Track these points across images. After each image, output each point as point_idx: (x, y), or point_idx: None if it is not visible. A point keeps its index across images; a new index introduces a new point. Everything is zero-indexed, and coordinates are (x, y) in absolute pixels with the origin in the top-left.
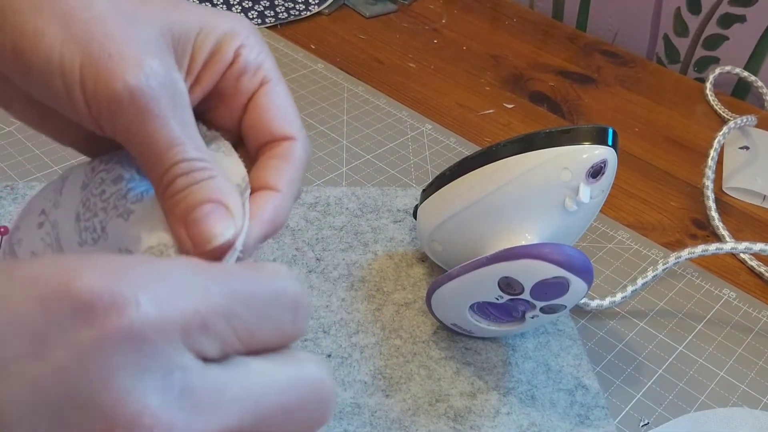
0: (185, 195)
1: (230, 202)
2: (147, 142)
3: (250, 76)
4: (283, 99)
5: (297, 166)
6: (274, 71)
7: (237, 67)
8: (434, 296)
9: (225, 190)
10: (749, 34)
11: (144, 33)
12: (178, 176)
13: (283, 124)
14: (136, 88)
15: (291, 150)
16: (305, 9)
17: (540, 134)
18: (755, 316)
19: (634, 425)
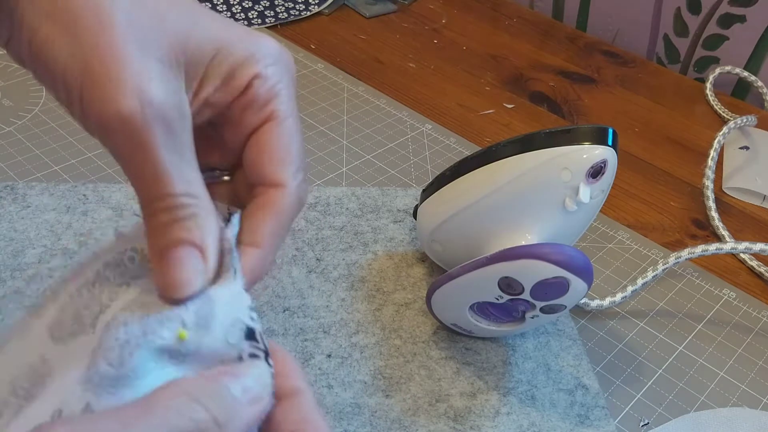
0: (164, 231)
1: (206, 246)
2: (134, 170)
3: (256, 110)
4: (285, 139)
5: (282, 218)
6: (285, 106)
7: (246, 98)
8: (434, 296)
9: (206, 231)
10: (749, 34)
11: (155, 54)
12: (160, 211)
13: (276, 169)
14: (128, 117)
15: (278, 199)
16: (305, 9)
17: (540, 134)
18: (755, 316)
19: (634, 425)
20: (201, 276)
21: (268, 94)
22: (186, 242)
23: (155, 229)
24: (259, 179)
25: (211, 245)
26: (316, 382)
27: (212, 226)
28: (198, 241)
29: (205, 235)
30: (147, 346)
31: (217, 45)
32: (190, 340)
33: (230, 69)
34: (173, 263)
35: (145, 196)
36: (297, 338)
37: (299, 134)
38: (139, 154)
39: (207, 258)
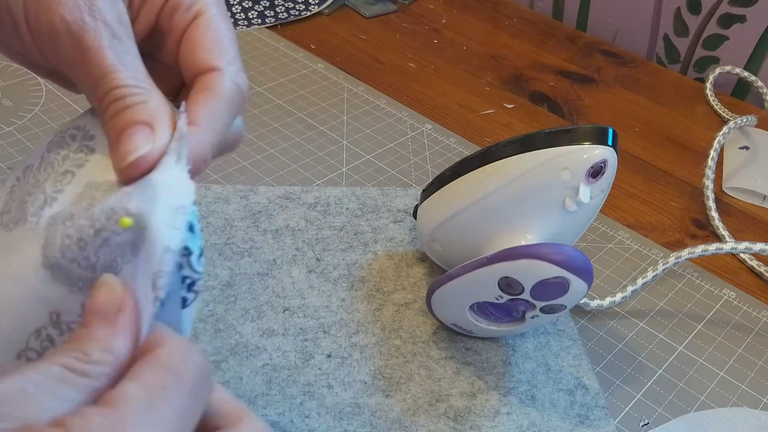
0: (117, 119)
1: (156, 123)
2: (85, 71)
3: (183, 11)
4: (215, 31)
5: (219, 99)
6: (210, 5)
7: (171, 4)
8: (434, 296)
9: (155, 113)
10: (749, 34)
11: None
12: (111, 102)
13: (208, 56)
14: (71, 22)
15: (213, 81)
16: (305, 9)
17: (540, 134)
18: (755, 316)
19: (634, 425)
20: (148, 144)
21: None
22: (136, 122)
23: (110, 120)
24: (194, 70)
25: (160, 123)
26: (316, 382)
27: (162, 109)
28: (147, 119)
29: (153, 115)
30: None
31: None
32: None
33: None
34: (124, 139)
35: (98, 93)
36: (297, 338)
37: (229, 28)
38: (86, 55)
39: (156, 132)
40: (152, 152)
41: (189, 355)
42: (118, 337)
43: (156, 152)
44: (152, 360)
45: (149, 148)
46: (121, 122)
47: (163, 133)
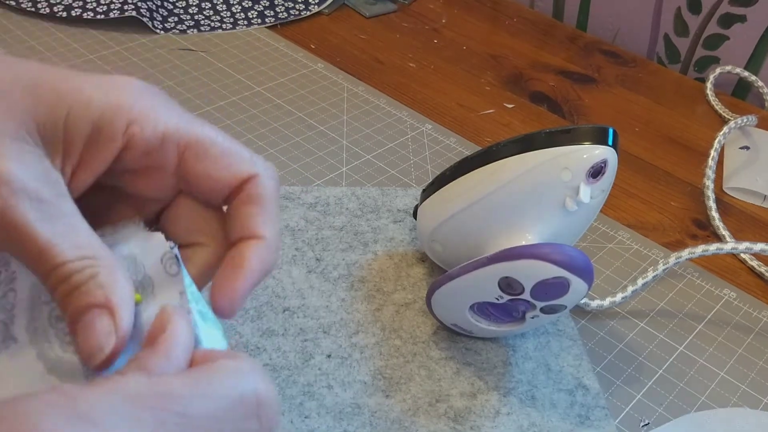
0: (68, 303)
1: (114, 302)
2: (19, 252)
3: (158, 153)
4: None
5: (269, 202)
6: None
7: (137, 150)
8: (434, 296)
9: (109, 287)
10: (749, 34)
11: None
12: (58, 283)
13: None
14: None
15: (255, 190)
16: (305, 9)
17: (540, 134)
18: (756, 316)
19: (635, 425)
20: (111, 336)
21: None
22: (90, 306)
23: (61, 303)
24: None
25: (119, 300)
26: (316, 382)
27: (117, 279)
28: (103, 301)
29: (109, 291)
30: None
31: (67, 102)
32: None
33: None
34: (82, 332)
35: (40, 273)
36: (297, 338)
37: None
38: (15, 234)
39: (116, 314)
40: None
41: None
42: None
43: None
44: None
45: (112, 343)
46: (75, 307)
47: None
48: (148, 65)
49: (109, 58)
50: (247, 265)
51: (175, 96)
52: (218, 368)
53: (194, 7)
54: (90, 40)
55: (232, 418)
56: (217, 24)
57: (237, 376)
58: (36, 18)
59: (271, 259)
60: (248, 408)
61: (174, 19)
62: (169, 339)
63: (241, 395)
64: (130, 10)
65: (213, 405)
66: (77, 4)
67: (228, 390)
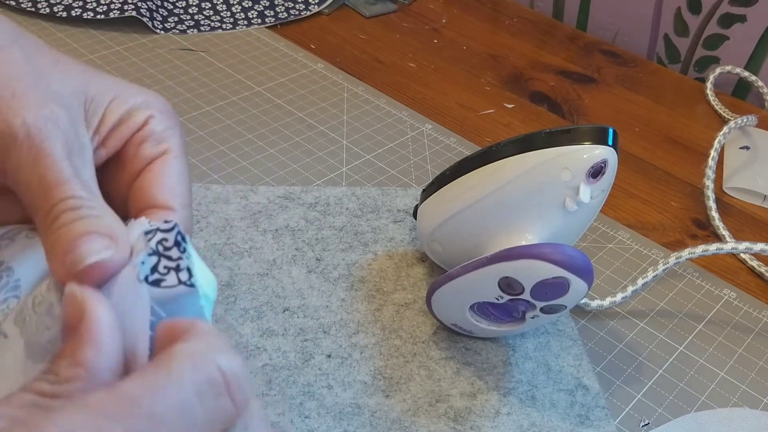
0: (69, 227)
1: (116, 235)
2: (37, 178)
3: (152, 144)
4: (178, 173)
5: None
6: (177, 147)
7: (142, 133)
8: (434, 296)
9: (113, 227)
10: (750, 34)
11: (54, 85)
12: (63, 211)
13: (168, 194)
14: (33, 126)
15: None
16: (305, 9)
17: (540, 134)
18: (756, 316)
19: (635, 425)
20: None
21: (164, 132)
22: (92, 232)
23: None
24: (149, 202)
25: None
26: (316, 382)
27: (120, 227)
28: (106, 231)
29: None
30: None
31: (114, 93)
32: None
33: (127, 110)
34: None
35: (49, 200)
36: (297, 338)
37: (189, 176)
38: (41, 162)
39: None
40: (113, 259)
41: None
42: (86, 347)
43: (117, 261)
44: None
45: (110, 254)
46: (75, 230)
47: (124, 246)
48: (148, 65)
49: (109, 58)
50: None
51: (175, 96)
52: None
53: (194, 7)
54: (90, 40)
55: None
56: (217, 24)
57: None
58: (36, 18)
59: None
60: (216, 387)
61: (174, 19)
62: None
63: (205, 377)
64: (130, 10)
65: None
66: (77, 4)
67: (190, 376)
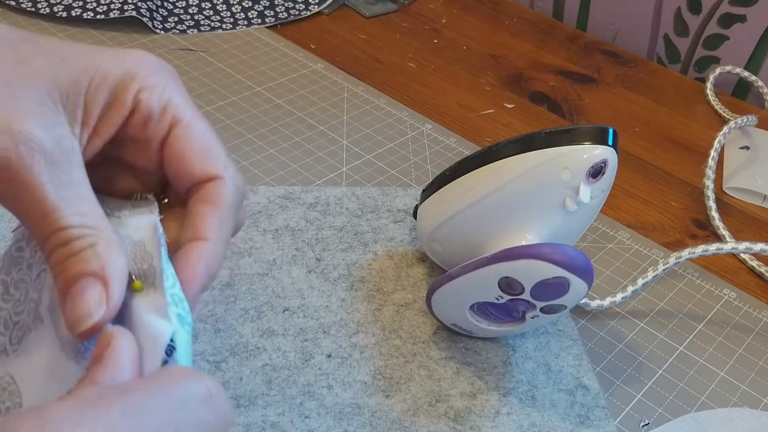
0: (63, 268)
1: (109, 274)
2: (23, 210)
3: (155, 122)
4: (200, 138)
5: (224, 207)
6: (184, 108)
7: (140, 115)
8: (434, 296)
9: (106, 259)
10: (749, 34)
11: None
12: (56, 247)
13: (203, 165)
14: (3, 157)
15: (216, 191)
16: (305, 9)
17: (540, 134)
18: (756, 316)
19: (635, 425)
20: (101, 307)
21: (160, 102)
22: (85, 274)
23: (55, 267)
24: (191, 180)
25: (113, 273)
26: (316, 382)
27: (114, 254)
28: (98, 271)
29: (105, 263)
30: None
31: (89, 73)
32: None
33: (110, 91)
34: (73, 298)
35: (39, 235)
36: (297, 338)
37: (211, 129)
38: (23, 192)
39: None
40: (105, 317)
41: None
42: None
43: (109, 315)
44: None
45: (102, 313)
46: (69, 273)
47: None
48: None
49: None
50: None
51: None
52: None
53: (194, 7)
54: (90, 40)
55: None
56: (217, 24)
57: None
58: (36, 18)
59: (216, 263)
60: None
61: (174, 19)
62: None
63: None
64: (130, 10)
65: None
66: (77, 4)
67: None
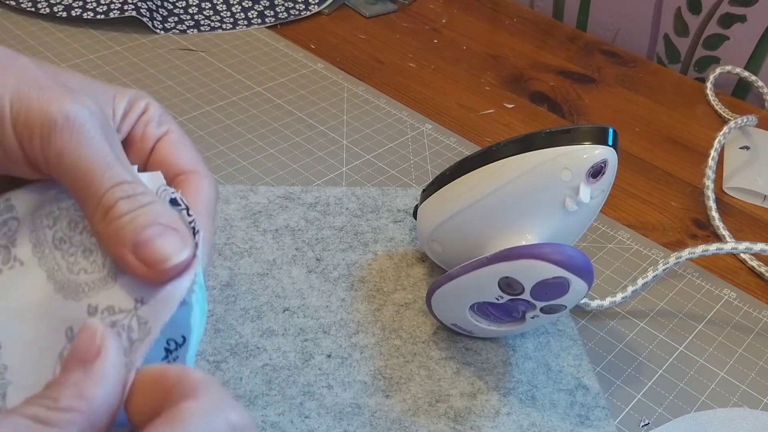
0: (132, 217)
1: (180, 227)
2: (82, 164)
3: (155, 125)
4: (189, 145)
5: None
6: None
7: (146, 117)
8: (434, 296)
9: (172, 216)
10: (750, 34)
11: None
12: (120, 198)
13: (190, 160)
14: (71, 111)
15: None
16: (305, 9)
17: (540, 134)
18: (756, 316)
19: (635, 425)
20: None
21: (162, 116)
22: (159, 223)
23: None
24: (176, 169)
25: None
26: (316, 383)
27: (176, 215)
28: (171, 223)
29: (171, 218)
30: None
31: (112, 91)
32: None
33: (128, 101)
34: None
35: (97, 188)
36: (297, 338)
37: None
38: (85, 146)
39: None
40: (188, 259)
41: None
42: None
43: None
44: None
45: (187, 254)
46: (142, 220)
47: (190, 239)
48: (148, 65)
49: (109, 58)
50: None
51: (175, 96)
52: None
53: (194, 7)
54: (90, 40)
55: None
56: (217, 24)
57: (204, 418)
58: (36, 18)
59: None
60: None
61: (174, 19)
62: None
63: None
64: (130, 10)
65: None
66: (77, 4)
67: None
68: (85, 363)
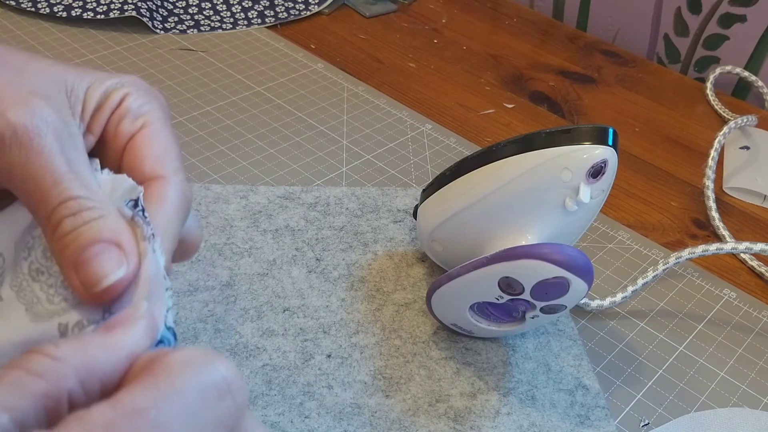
0: (74, 236)
1: (123, 241)
2: (31, 180)
3: (130, 120)
4: (162, 141)
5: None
6: (157, 118)
7: (120, 111)
8: (434, 296)
9: (117, 230)
10: (750, 34)
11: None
12: (65, 216)
13: (155, 164)
14: (19, 125)
15: (162, 189)
16: (305, 9)
17: (540, 134)
18: (756, 316)
19: (635, 425)
20: (122, 268)
21: (141, 108)
22: (100, 240)
23: (65, 236)
24: (141, 177)
25: (126, 241)
26: (316, 382)
27: (123, 226)
28: (113, 238)
29: (120, 234)
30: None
31: (90, 78)
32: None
33: (103, 92)
34: (91, 259)
35: (45, 205)
36: (297, 338)
37: (174, 141)
38: (34, 161)
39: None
40: (127, 276)
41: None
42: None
43: (130, 276)
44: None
45: (123, 272)
46: (83, 239)
47: (133, 254)
48: (148, 65)
49: (109, 58)
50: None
51: (175, 96)
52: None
53: (194, 7)
54: (90, 40)
55: (206, 405)
56: (217, 24)
57: (196, 366)
58: (36, 18)
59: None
60: (219, 390)
61: (174, 19)
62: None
63: (210, 382)
64: (130, 10)
65: (183, 403)
66: (77, 4)
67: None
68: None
